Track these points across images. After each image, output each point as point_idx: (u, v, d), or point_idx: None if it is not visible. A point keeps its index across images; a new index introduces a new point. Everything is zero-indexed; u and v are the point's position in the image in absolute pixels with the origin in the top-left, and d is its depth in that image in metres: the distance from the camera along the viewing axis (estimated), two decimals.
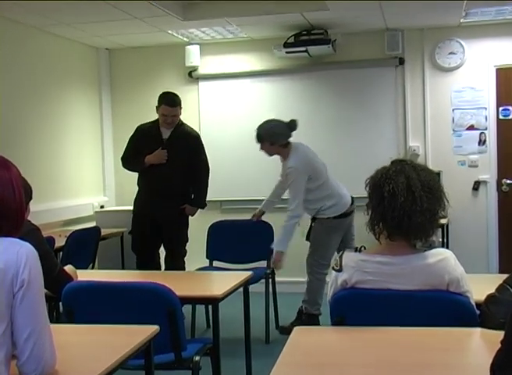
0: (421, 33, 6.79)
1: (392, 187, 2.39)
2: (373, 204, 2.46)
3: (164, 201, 5.56)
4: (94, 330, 2.59)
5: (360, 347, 2.26)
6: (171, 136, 5.61)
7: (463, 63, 6.72)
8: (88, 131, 7.08)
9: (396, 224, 2.40)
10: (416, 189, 2.38)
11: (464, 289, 2.42)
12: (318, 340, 2.39)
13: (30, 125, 6.06)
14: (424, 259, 2.41)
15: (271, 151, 5.30)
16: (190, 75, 7.24)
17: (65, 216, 6.48)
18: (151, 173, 5.57)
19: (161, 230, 5.69)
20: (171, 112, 5.53)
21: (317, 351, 2.25)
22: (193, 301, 4.00)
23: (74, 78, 6.88)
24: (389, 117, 6.88)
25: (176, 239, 5.74)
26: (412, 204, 2.37)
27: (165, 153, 5.53)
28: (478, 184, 6.74)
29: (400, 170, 2.44)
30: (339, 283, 2.47)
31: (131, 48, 7.34)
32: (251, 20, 6.18)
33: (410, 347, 2.23)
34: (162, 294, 3.00)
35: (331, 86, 6.96)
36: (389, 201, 2.39)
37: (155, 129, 5.64)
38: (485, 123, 6.68)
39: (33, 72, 6.10)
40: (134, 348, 2.32)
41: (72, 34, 6.52)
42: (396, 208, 2.38)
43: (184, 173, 5.64)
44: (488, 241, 6.73)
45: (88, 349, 2.38)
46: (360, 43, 6.86)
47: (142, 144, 5.62)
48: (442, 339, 2.29)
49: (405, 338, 2.30)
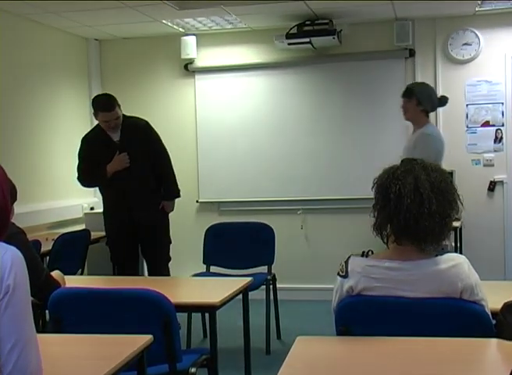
0: (432, 23, 6.79)
1: (399, 187, 2.39)
2: (379, 205, 2.47)
3: (139, 206, 5.54)
4: (83, 341, 2.60)
5: (367, 358, 2.26)
6: (122, 136, 5.55)
7: (478, 55, 6.72)
8: (77, 127, 7.06)
9: (402, 227, 2.41)
10: (424, 190, 2.38)
11: (479, 297, 2.41)
12: (321, 351, 2.39)
13: (15, 121, 6.06)
14: (435, 265, 2.41)
15: (411, 110, 5.29)
16: (186, 68, 7.25)
17: (52, 218, 6.47)
18: (116, 181, 5.48)
19: (142, 238, 5.65)
20: (111, 116, 5.45)
21: (320, 363, 2.25)
22: (189, 308, 4.00)
23: (62, 70, 6.89)
24: (398, 113, 6.82)
25: (160, 243, 5.71)
26: (420, 206, 2.37)
27: (126, 156, 5.47)
28: (493, 185, 6.74)
29: (408, 170, 2.44)
30: (345, 289, 2.47)
31: (123, 39, 7.34)
32: (251, 9, 6.18)
33: (420, 358, 2.23)
34: (156, 301, 3.00)
35: (336, 80, 6.97)
36: (396, 202, 2.39)
37: (103, 134, 5.56)
38: (502, 118, 6.69)
39: (19, 63, 6.11)
40: (126, 360, 2.32)
41: (60, 24, 6.53)
42: (403, 210, 2.38)
43: (148, 168, 5.63)
44: (505, 245, 6.73)
45: (77, 361, 2.37)
46: (367, 34, 6.86)
47: (95, 154, 5.52)
48: (455, 350, 2.29)
49: (415, 349, 2.30)
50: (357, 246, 2.74)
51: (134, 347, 2.41)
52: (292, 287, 6.55)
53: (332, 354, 2.36)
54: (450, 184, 2.48)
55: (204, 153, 7.24)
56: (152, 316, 2.99)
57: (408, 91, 5.28)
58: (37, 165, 6.37)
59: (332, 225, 6.98)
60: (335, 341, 2.47)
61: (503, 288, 2.65)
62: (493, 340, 2.34)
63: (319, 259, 6.83)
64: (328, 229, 7.01)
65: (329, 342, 2.46)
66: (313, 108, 7.01)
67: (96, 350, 2.46)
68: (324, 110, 7.00)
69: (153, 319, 2.98)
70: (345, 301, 2.47)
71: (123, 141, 5.54)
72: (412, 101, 5.23)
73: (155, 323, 2.95)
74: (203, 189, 7.27)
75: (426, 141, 5.06)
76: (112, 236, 5.70)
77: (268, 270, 5.53)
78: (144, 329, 2.62)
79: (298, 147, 7.02)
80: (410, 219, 2.38)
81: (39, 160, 6.41)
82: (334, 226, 6.96)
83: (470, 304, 2.39)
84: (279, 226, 5.97)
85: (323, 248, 6.92)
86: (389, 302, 2.42)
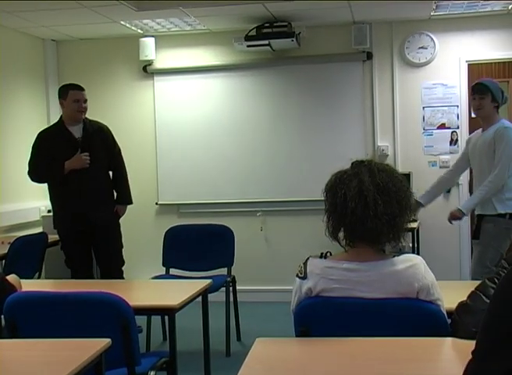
0: (389, 27, 6.86)
1: (344, 192, 2.42)
2: (329, 211, 2.49)
3: (95, 206, 5.51)
4: (40, 345, 2.57)
5: (325, 359, 2.27)
6: (84, 134, 5.54)
7: (433, 58, 6.81)
8: (34, 129, 6.97)
9: (350, 231, 2.44)
10: (368, 193, 2.40)
11: (435, 297, 2.44)
12: (280, 352, 2.39)
13: None
14: (392, 266, 2.44)
15: (487, 107, 4.97)
16: (144, 69, 7.21)
17: (8, 221, 6.38)
18: (72, 180, 5.42)
19: (96, 240, 5.61)
20: (83, 95, 5.53)
21: (279, 364, 2.26)
22: (149, 311, 3.97)
23: (19, 71, 6.80)
24: (356, 115, 6.93)
25: (115, 247, 5.70)
26: (364, 209, 2.39)
27: (87, 156, 5.43)
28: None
29: (354, 174, 2.47)
30: (304, 291, 2.48)
31: (80, 40, 7.28)
32: (210, 11, 6.17)
33: (378, 358, 2.25)
34: (114, 304, 2.98)
35: (295, 82, 6.99)
36: (342, 207, 2.42)
37: (63, 130, 5.53)
38: (457, 121, 6.79)
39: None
40: (84, 363, 2.30)
41: (15, 24, 6.44)
42: (348, 214, 2.41)
43: (106, 171, 5.66)
44: (460, 246, 6.82)
45: (33, 366, 2.35)
46: (325, 36, 6.90)
47: (53, 149, 5.46)
48: (412, 349, 2.31)
49: (373, 349, 2.32)
50: (316, 247, 2.76)
51: (92, 351, 2.39)
52: (251, 288, 6.56)
53: (291, 355, 2.37)
54: (400, 184, 2.49)
55: (163, 155, 7.21)
56: (111, 319, 2.97)
57: (483, 87, 4.96)
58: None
59: (292, 226, 7.00)
60: (294, 343, 2.48)
61: (458, 288, 2.69)
62: (448, 339, 2.37)
63: (279, 261, 6.86)
64: (287, 230, 7.04)
65: (288, 343, 2.47)
66: (271, 111, 7.02)
67: (53, 354, 2.43)
68: (282, 112, 7.02)
69: (111, 322, 2.95)
70: (304, 303, 2.48)
71: (85, 138, 5.51)
72: (487, 98, 4.93)
73: (114, 327, 2.93)
74: (162, 191, 7.24)
75: (506, 134, 4.84)
76: (66, 238, 5.63)
77: (228, 272, 5.53)
78: (103, 332, 2.60)
79: (257, 148, 7.03)
80: (357, 222, 2.41)
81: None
82: (294, 227, 6.99)
83: (426, 304, 2.42)
84: (239, 228, 5.97)
85: (283, 250, 6.94)
86: (347, 303, 2.43)
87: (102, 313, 2.98)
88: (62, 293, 3.18)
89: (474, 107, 5.09)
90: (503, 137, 4.84)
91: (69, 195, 5.46)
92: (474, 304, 2.39)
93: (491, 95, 4.90)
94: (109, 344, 2.50)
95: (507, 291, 1.61)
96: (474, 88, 5.02)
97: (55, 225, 5.62)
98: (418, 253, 6.08)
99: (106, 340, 2.51)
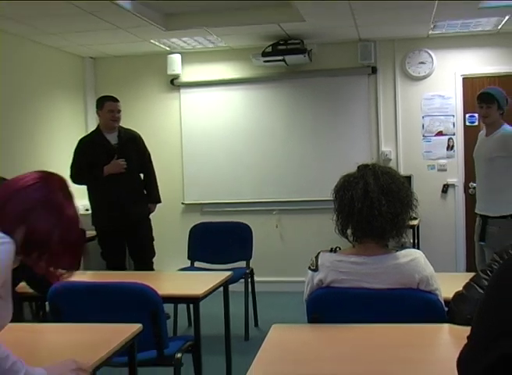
0: (392, 44, 6.83)
1: (351, 193, 2.42)
2: (337, 211, 2.49)
3: (130, 206, 5.54)
4: (80, 329, 2.58)
5: (335, 343, 2.27)
6: (119, 141, 5.59)
7: (431, 72, 6.78)
8: (74, 137, 6.99)
9: (357, 229, 2.44)
10: (373, 194, 2.40)
11: (434, 287, 2.44)
12: (294, 337, 2.39)
13: (18, 132, 6.00)
14: (395, 259, 2.43)
15: (494, 114, 4.76)
16: (171, 83, 7.23)
17: None
18: (109, 184, 5.46)
19: (130, 235, 5.63)
20: (117, 106, 5.59)
21: (293, 348, 2.26)
22: (175, 300, 3.98)
23: (60, 85, 6.83)
24: (362, 123, 6.90)
25: (147, 240, 5.74)
26: (370, 208, 2.39)
27: (124, 162, 5.48)
28: (446, 187, 6.79)
29: (360, 176, 2.46)
30: (315, 282, 2.48)
31: (115, 57, 7.31)
32: (231, 30, 6.18)
33: (382, 342, 2.24)
34: (145, 294, 3.00)
35: (307, 94, 6.98)
36: (349, 207, 2.42)
37: (100, 137, 5.58)
38: (453, 129, 6.75)
39: (18, 80, 6.04)
40: (118, 346, 2.31)
41: (58, 43, 6.48)
42: (355, 213, 2.41)
43: (138, 174, 5.73)
44: (456, 241, 6.78)
45: (74, 347, 2.36)
46: (334, 53, 6.89)
47: (92, 154, 5.51)
48: (413, 335, 2.31)
49: (378, 334, 2.32)
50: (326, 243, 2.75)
51: (126, 334, 2.41)
52: (268, 280, 6.55)
53: (304, 339, 2.37)
54: (401, 185, 2.49)
55: (188, 159, 7.22)
56: (142, 306, 2.98)
57: (489, 96, 4.75)
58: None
59: (304, 224, 6.99)
60: (306, 328, 2.48)
61: (454, 279, 2.67)
62: (446, 325, 2.37)
63: (292, 255, 6.84)
64: (300, 227, 7.02)
65: (301, 329, 2.47)
66: (285, 119, 7.02)
67: (91, 337, 2.44)
68: (295, 120, 7.01)
69: (142, 309, 2.97)
70: (316, 293, 2.48)
71: (120, 145, 5.57)
72: (494, 107, 4.72)
73: (145, 313, 2.94)
74: (187, 192, 7.25)
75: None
76: (103, 233, 5.66)
77: (247, 265, 5.53)
78: (135, 318, 2.60)
79: (272, 153, 7.03)
80: (363, 221, 2.40)
81: (39, 167, 6.33)
82: (306, 224, 6.97)
83: (425, 293, 2.42)
84: (256, 225, 5.97)
85: (296, 245, 6.93)
86: (354, 293, 2.43)
87: (134, 301, 3.00)
88: (99, 283, 3.20)
89: (482, 115, 4.88)
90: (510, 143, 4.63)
91: (107, 196, 5.49)
92: (468, 293, 2.38)
93: (497, 104, 4.70)
94: (141, 328, 2.51)
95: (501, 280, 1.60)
96: (482, 97, 4.80)
97: (94, 222, 5.65)
98: (418, 248, 6.04)
99: (138, 325, 2.52)
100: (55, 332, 2.66)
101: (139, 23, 5.70)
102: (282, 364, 2.10)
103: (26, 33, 5.95)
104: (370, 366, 2.02)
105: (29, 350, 2.39)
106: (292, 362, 2.11)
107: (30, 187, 1.96)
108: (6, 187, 2.00)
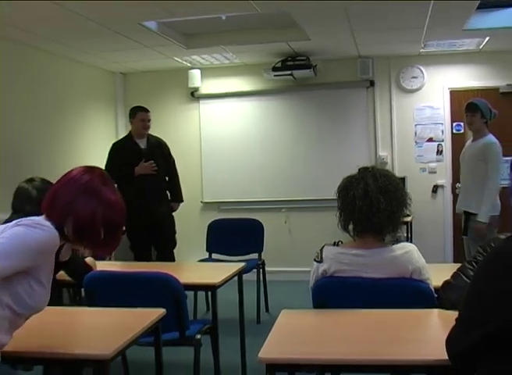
0: (387, 60, 6.80)
1: (353, 193, 2.42)
2: (340, 209, 2.49)
3: (155, 204, 5.59)
4: (111, 313, 2.59)
5: (338, 326, 2.27)
6: (148, 146, 5.64)
7: (423, 86, 6.75)
8: (105, 144, 7.04)
9: (358, 224, 2.44)
10: (373, 194, 2.40)
11: (425, 277, 2.43)
12: (301, 321, 2.39)
13: (56, 138, 6.02)
14: (391, 252, 2.43)
15: (477, 122, 4.78)
16: (192, 95, 7.24)
17: None
18: (138, 182, 5.47)
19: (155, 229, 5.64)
20: (148, 116, 5.66)
21: (300, 330, 2.26)
22: (195, 287, 3.98)
23: (93, 98, 6.85)
24: (361, 131, 6.89)
25: (170, 233, 5.77)
26: (369, 207, 2.39)
27: (153, 164, 5.52)
28: (436, 188, 6.77)
29: (361, 178, 2.46)
30: (320, 272, 2.48)
31: (142, 72, 7.32)
32: (244, 48, 6.18)
33: (380, 325, 2.24)
34: (169, 282, 3.00)
35: (312, 104, 6.97)
36: (351, 205, 2.42)
37: (131, 142, 5.64)
38: (442, 136, 6.72)
39: (58, 94, 6.07)
40: (145, 328, 2.32)
41: (92, 61, 6.50)
42: (356, 211, 2.40)
43: (163, 176, 5.76)
44: (444, 235, 6.75)
45: (106, 329, 2.38)
46: (337, 68, 6.87)
47: (123, 157, 5.55)
48: (407, 318, 2.30)
49: (376, 318, 2.31)
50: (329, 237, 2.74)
51: (151, 318, 2.41)
52: (277, 270, 6.54)
53: (310, 323, 2.37)
54: (397, 185, 2.49)
55: (206, 162, 7.23)
56: (165, 293, 2.99)
57: (474, 106, 4.77)
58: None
59: (310, 220, 6.97)
60: (312, 313, 2.48)
61: (443, 270, 2.66)
62: (435, 310, 2.37)
63: (299, 247, 6.82)
64: (306, 223, 7.01)
65: (307, 314, 2.47)
66: (293, 126, 7.01)
67: (121, 320, 2.45)
68: (302, 128, 7.00)
69: (166, 296, 2.98)
70: (320, 281, 2.48)
71: (149, 149, 5.62)
72: (477, 115, 4.74)
73: (168, 299, 2.95)
74: (206, 192, 7.25)
75: (494, 149, 4.65)
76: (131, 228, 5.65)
77: (259, 257, 5.53)
78: (159, 304, 2.61)
79: (281, 157, 7.02)
80: (363, 217, 2.40)
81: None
82: (311, 220, 6.96)
83: (418, 282, 2.41)
84: (267, 221, 5.95)
85: (302, 239, 6.91)
86: (355, 282, 2.43)
87: (159, 289, 3.00)
88: (128, 272, 3.21)
89: (467, 122, 4.91)
90: (490, 152, 4.63)
91: (136, 194, 5.48)
92: (455, 282, 2.38)
93: (480, 113, 4.73)
94: (164, 313, 2.52)
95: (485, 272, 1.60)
96: (467, 107, 4.82)
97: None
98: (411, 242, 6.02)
99: (162, 310, 2.52)
100: (89, 315, 2.68)
101: (163, 43, 5.72)
102: (290, 344, 2.10)
103: (65, 52, 5.97)
104: (369, 346, 2.01)
105: (67, 330, 2.41)
106: (299, 343, 2.11)
107: (72, 179, 2.00)
108: (54, 185, 2.03)
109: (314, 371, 2.43)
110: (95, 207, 1.93)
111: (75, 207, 1.92)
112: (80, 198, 1.93)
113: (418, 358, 1.90)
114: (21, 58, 5.48)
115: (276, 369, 2.02)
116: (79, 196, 1.94)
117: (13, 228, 1.85)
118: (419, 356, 1.90)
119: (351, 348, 2.01)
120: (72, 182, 1.99)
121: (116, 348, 2.04)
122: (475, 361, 1.56)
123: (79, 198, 1.93)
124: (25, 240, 1.82)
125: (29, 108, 5.58)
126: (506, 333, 1.46)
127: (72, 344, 2.16)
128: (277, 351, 2.01)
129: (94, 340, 2.20)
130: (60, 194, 1.96)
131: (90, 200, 1.94)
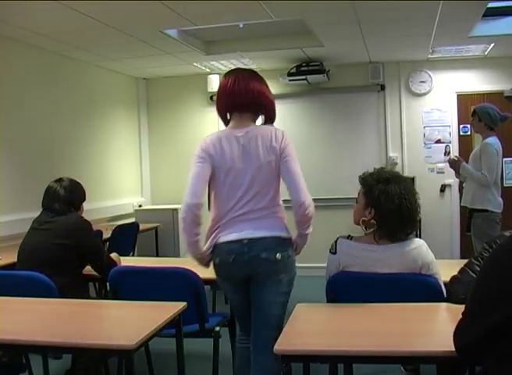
0: (397, 66, 6.78)
1: (389, 206, 2.44)
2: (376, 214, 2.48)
3: None
4: (135, 306, 2.60)
5: (350, 319, 2.26)
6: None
7: (431, 90, 6.72)
8: (129, 144, 7.11)
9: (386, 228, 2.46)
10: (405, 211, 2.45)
11: (434, 271, 2.42)
12: (315, 314, 2.39)
13: (84, 140, 6.08)
14: (402, 247, 2.43)
15: (476, 125, 4.84)
16: (211, 99, 7.23)
17: (110, 213, 6.49)
18: None
19: None
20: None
21: (314, 323, 2.26)
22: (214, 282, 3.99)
23: (117, 102, 6.90)
24: (372, 133, 6.87)
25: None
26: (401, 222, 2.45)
27: None
28: (444, 187, 6.73)
29: (399, 193, 2.46)
30: (334, 263, 2.50)
31: (164, 78, 7.35)
32: (261, 54, 6.19)
33: (390, 318, 2.23)
34: (189, 276, 3.00)
35: (325, 108, 6.96)
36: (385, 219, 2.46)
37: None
38: (449, 137, 6.68)
39: (85, 98, 6.13)
40: (167, 320, 2.32)
41: (116, 67, 6.55)
42: (389, 226, 2.45)
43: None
44: (452, 232, 6.71)
45: (130, 321, 2.39)
46: (349, 73, 6.85)
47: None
48: (416, 312, 2.29)
49: (386, 311, 2.30)
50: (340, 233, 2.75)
51: (173, 311, 2.41)
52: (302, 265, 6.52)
53: (323, 316, 2.37)
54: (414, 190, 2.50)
55: None
56: (186, 287, 2.98)
57: (473, 111, 4.86)
58: (99, 173, 6.38)
59: (324, 217, 6.91)
60: (326, 307, 2.47)
61: (451, 265, 2.65)
62: (443, 304, 2.35)
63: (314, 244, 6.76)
64: (321, 220, 6.91)
65: (321, 308, 2.46)
66: (308, 129, 7.00)
67: (145, 313, 2.46)
68: (316, 130, 6.99)
69: (187, 290, 2.97)
70: (334, 277, 2.48)
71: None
72: (476, 119, 4.81)
73: (189, 293, 2.95)
74: None
75: (487, 149, 4.67)
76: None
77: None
78: (180, 297, 2.61)
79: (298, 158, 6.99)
80: (393, 226, 2.45)
81: (101, 169, 6.42)
82: (325, 218, 6.90)
83: (427, 277, 2.40)
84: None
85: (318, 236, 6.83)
86: (367, 277, 2.43)
87: (180, 283, 3.00)
88: (151, 267, 3.22)
89: (471, 125, 4.95)
90: (486, 152, 4.65)
91: None
92: (463, 277, 2.37)
93: (477, 117, 4.77)
94: (185, 306, 2.52)
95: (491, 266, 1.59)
96: (472, 112, 4.91)
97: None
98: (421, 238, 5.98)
99: (183, 303, 2.52)
100: (114, 308, 2.69)
101: (184, 49, 5.74)
102: (305, 336, 2.10)
103: (92, 60, 6.02)
104: (381, 338, 2.01)
105: (94, 321, 2.42)
106: (313, 335, 2.12)
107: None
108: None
109: (328, 362, 2.43)
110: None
111: None
112: None
113: (427, 350, 1.88)
114: (54, 66, 5.56)
115: (291, 360, 2.03)
116: None
117: None
118: (428, 348, 1.89)
119: (364, 340, 2.00)
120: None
121: (140, 339, 2.04)
122: (482, 353, 1.55)
123: None
124: None
125: (61, 112, 5.66)
126: (510, 326, 1.45)
127: (98, 335, 2.18)
128: (292, 343, 2.01)
129: (119, 331, 2.22)
130: None
131: None
